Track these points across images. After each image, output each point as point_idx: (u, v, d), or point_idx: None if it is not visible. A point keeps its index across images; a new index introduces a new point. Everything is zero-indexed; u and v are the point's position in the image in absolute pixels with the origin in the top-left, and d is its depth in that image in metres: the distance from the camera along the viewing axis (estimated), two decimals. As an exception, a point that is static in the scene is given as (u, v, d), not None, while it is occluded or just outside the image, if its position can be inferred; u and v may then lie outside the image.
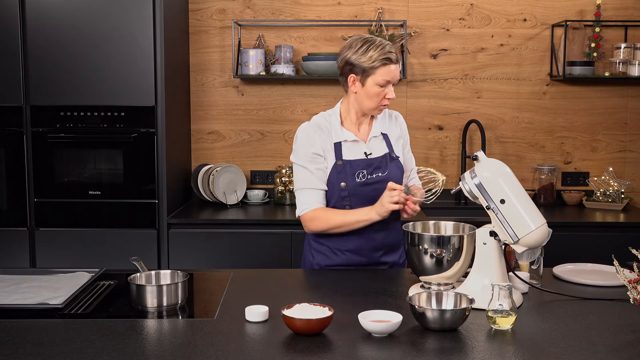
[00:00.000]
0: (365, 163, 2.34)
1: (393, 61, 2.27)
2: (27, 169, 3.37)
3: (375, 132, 2.39)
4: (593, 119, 3.94)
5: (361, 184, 2.32)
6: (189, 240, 3.37)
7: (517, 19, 3.88)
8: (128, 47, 3.30)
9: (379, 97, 2.29)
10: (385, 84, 2.27)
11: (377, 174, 2.34)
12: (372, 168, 2.34)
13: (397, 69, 2.29)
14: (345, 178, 2.31)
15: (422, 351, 1.59)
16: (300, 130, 2.38)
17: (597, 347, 1.62)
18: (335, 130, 2.35)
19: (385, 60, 2.25)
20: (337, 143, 2.34)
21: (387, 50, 2.26)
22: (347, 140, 2.35)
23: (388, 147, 2.40)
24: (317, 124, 2.37)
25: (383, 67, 2.26)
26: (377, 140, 2.39)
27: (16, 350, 1.59)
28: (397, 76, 2.30)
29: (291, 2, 3.86)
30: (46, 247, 3.38)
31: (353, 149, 2.35)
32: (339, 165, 2.32)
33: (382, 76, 2.26)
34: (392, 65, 2.27)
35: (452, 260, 1.96)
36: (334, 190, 2.33)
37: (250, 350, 1.60)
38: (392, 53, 2.26)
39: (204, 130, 3.96)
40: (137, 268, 2.02)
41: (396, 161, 2.40)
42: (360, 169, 2.33)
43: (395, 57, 2.28)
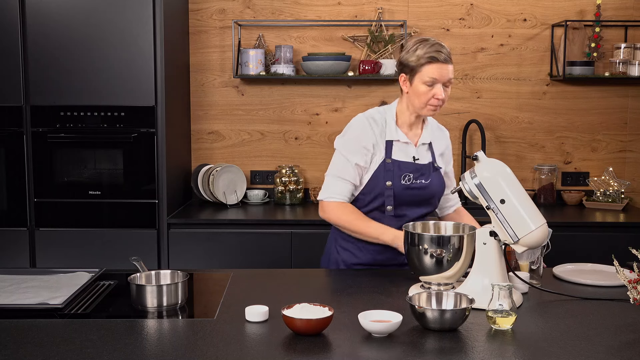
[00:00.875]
0: (413, 167, 2.34)
1: (440, 60, 2.23)
2: (27, 169, 3.37)
3: (425, 139, 2.39)
4: (593, 119, 3.94)
5: (405, 187, 2.32)
6: (189, 240, 3.37)
7: (517, 19, 3.88)
8: (128, 47, 3.30)
9: (426, 97, 2.26)
10: (431, 82, 2.24)
11: (421, 180, 2.34)
12: (419, 174, 2.34)
13: (445, 68, 2.25)
14: (391, 177, 2.31)
15: (422, 351, 1.59)
16: (356, 120, 2.37)
17: (597, 347, 1.62)
18: (390, 127, 2.35)
19: (430, 58, 2.23)
20: (389, 141, 2.33)
21: (435, 49, 2.24)
22: (399, 141, 2.34)
23: (432, 156, 2.41)
24: (372, 117, 2.37)
25: (428, 65, 2.24)
26: (424, 147, 2.40)
27: (16, 350, 1.59)
28: (445, 75, 2.25)
29: (291, 2, 3.87)
30: (46, 247, 3.38)
31: (403, 150, 2.35)
32: (388, 163, 2.32)
33: (428, 74, 2.24)
34: (439, 64, 2.23)
35: (452, 260, 1.96)
36: (377, 187, 2.32)
37: (250, 350, 1.60)
38: (440, 53, 2.24)
39: (204, 130, 3.96)
40: (137, 268, 2.02)
41: (438, 172, 2.40)
42: (407, 172, 2.32)
43: (444, 56, 2.24)
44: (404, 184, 2.32)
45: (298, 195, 3.82)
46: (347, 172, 2.33)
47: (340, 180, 2.33)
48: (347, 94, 3.92)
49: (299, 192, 3.82)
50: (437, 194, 2.41)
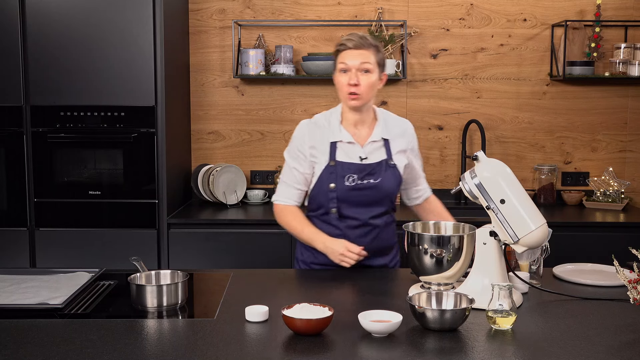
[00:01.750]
0: (357, 167, 2.30)
1: (349, 46, 2.25)
2: (27, 169, 3.37)
3: (375, 137, 2.34)
4: (593, 119, 3.94)
5: (350, 188, 2.29)
6: (189, 240, 3.37)
7: (517, 19, 3.88)
8: (128, 47, 3.30)
9: (342, 86, 2.27)
10: (344, 68, 2.26)
11: (369, 180, 2.30)
12: (365, 173, 2.30)
13: (355, 54, 2.24)
14: (335, 179, 2.29)
15: (422, 351, 1.59)
16: (297, 127, 2.40)
17: (597, 347, 1.62)
18: (333, 129, 2.33)
19: (340, 46, 2.27)
20: (332, 143, 2.32)
21: (346, 38, 2.27)
22: (342, 141, 2.32)
23: (387, 153, 2.35)
24: (315, 122, 2.38)
25: (339, 55, 2.28)
26: (375, 144, 2.34)
27: (16, 350, 1.59)
28: (355, 60, 2.24)
29: (291, 2, 3.87)
30: (46, 247, 3.38)
31: (348, 151, 2.32)
32: (331, 165, 2.30)
33: (339, 60, 2.27)
34: (348, 50, 2.25)
35: (452, 260, 1.96)
36: (322, 190, 2.31)
37: (250, 350, 1.60)
38: (350, 40, 2.25)
39: (204, 130, 3.96)
40: (137, 268, 2.02)
41: (393, 169, 2.34)
42: (350, 173, 2.29)
43: (354, 42, 2.25)
44: (348, 185, 2.29)
45: (298, 195, 3.81)
46: (290, 177, 2.39)
47: (285, 184, 2.40)
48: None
49: (299, 192, 3.82)
50: (390, 193, 2.36)
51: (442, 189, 3.97)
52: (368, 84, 2.26)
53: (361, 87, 2.25)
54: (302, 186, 2.38)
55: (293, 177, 2.38)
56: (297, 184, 2.37)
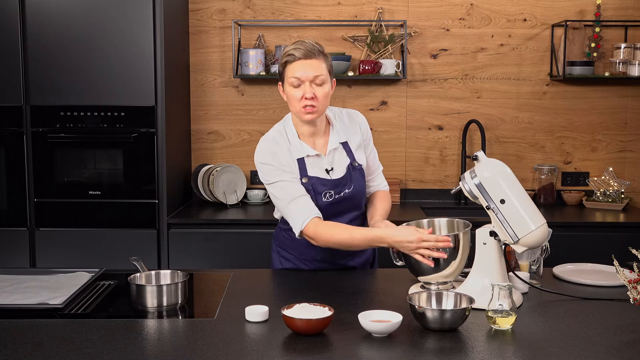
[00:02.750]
0: (331, 183, 2.22)
1: (298, 57, 2.11)
2: (27, 169, 3.37)
3: (333, 144, 2.25)
4: (593, 119, 3.94)
5: (328, 203, 2.23)
6: (189, 240, 3.37)
7: (517, 19, 3.88)
8: (128, 47, 3.30)
9: (297, 100, 2.14)
10: (297, 82, 2.12)
11: (344, 191, 2.25)
12: (340, 187, 2.24)
13: (306, 65, 2.10)
14: (313, 197, 2.20)
15: (422, 351, 1.59)
16: (259, 152, 2.22)
17: (597, 347, 1.62)
18: (295, 145, 2.22)
19: (288, 58, 2.13)
20: (299, 159, 2.21)
21: (293, 47, 2.12)
22: (309, 156, 2.22)
23: (349, 156, 2.28)
24: (274, 139, 2.23)
25: (289, 66, 2.13)
26: (337, 152, 2.26)
27: (16, 350, 1.59)
28: (309, 72, 2.11)
29: (291, 2, 3.87)
30: (46, 247, 3.38)
31: (315, 164, 2.23)
32: (305, 183, 2.20)
33: (290, 74, 2.13)
34: (297, 62, 2.11)
35: (449, 259, 1.96)
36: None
37: (250, 350, 1.60)
38: (298, 49, 2.11)
39: (204, 130, 3.95)
40: (137, 268, 2.02)
41: (358, 170, 2.29)
42: (327, 189, 2.22)
43: (304, 51, 2.10)
44: (325, 201, 2.22)
45: (298, 195, 3.81)
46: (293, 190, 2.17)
47: (296, 200, 2.16)
48: (347, 94, 3.92)
49: (299, 192, 3.82)
50: (362, 195, 2.33)
51: (442, 189, 3.97)
52: (323, 95, 2.14)
53: (318, 100, 2.13)
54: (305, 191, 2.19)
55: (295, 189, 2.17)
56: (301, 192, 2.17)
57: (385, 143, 3.91)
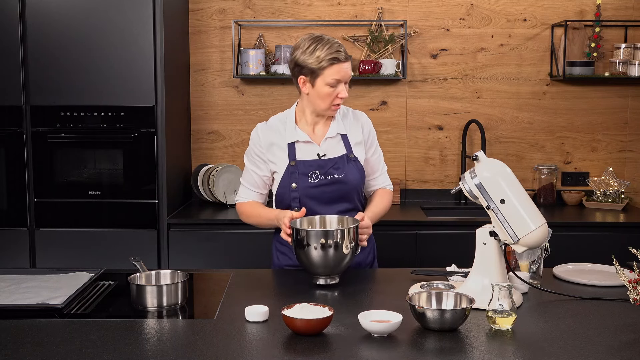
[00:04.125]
0: (317, 164, 2.30)
1: (341, 60, 2.21)
2: (27, 169, 3.37)
3: (331, 133, 2.33)
4: (593, 119, 3.94)
5: (313, 185, 2.28)
6: (189, 240, 3.37)
7: (517, 19, 3.88)
8: (128, 47, 3.30)
9: (330, 97, 2.24)
10: (335, 83, 2.22)
11: (334, 175, 2.30)
12: (327, 169, 2.30)
13: (347, 67, 2.23)
14: (296, 179, 2.28)
15: (422, 351, 1.59)
16: (253, 131, 2.39)
17: (597, 347, 1.62)
18: (289, 130, 2.33)
19: (333, 60, 2.20)
20: (290, 144, 2.31)
21: (334, 49, 2.20)
22: (299, 141, 2.31)
23: (346, 147, 2.34)
24: (270, 125, 2.38)
25: (331, 67, 2.20)
26: (333, 141, 2.34)
27: (16, 350, 1.59)
28: (348, 74, 2.24)
29: (291, 2, 3.87)
30: (46, 247, 3.38)
31: (306, 150, 2.31)
32: (292, 166, 2.29)
33: (331, 76, 2.21)
34: (341, 64, 2.21)
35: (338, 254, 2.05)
36: (286, 191, 2.30)
37: (250, 350, 1.60)
38: (340, 52, 2.21)
39: (204, 130, 3.95)
40: (137, 268, 2.02)
41: (355, 162, 2.34)
42: (312, 170, 2.29)
43: (344, 55, 2.22)
44: (311, 183, 2.28)
45: (298, 195, 3.82)
46: (249, 180, 2.40)
47: (244, 187, 2.42)
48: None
49: (299, 192, 3.82)
50: (356, 187, 2.35)
51: (442, 189, 3.97)
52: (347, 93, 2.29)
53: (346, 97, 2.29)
54: (261, 189, 2.40)
55: (252, 181, 2.39)
56: (256, 187, 2.40)
57: (385, 143, 3.91)
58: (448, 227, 3.38)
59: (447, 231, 3.35)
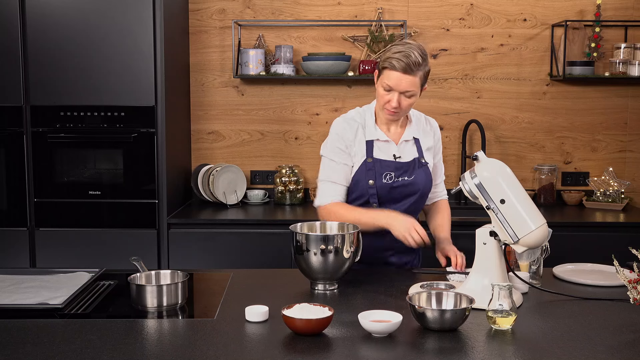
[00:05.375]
0: (394, 165, 2.33)
1: (397, 69, 2.16)
2: (27, 169, 3.37)
3: (407, 136, 2.37)
4: (593, 119, 3.94)
5: (388, 185, 2.31)
6: (189, 240, 3.37)
7: (517, 19, 3.88)
8: (128, 47, 3.30)
9: (382, 100, 2.25)
10: (387, 88, 2.21)
11: (404, 177, 2.33)
12: (401, 172, 2.33)
13: (403, 79, 2.16)
14: (373, 176, 2.31)
15: (422, 351, 1.59)
16: (334, 124, 2.37)
17: (597, 347, 1.62)
18: (369, 127, 2.34)
19: (389, 64, 2.18)
20: (369, 141, 2.33)
21: (398, 55, 2.16)
22: (379, 140, 2.33)
23: (418, 152, 2.38)
24: (352, 118, 2.35)
25: (387, 71, 2.20)
26: (408, 144, 2.38)
27: (16, 350, 1.59)
28: (401, 86, 2.18)
29: (291, 2, 3.86)
30: (46, 247, 3.38)
31: (384, 148, 2.34)
32: (369, 162, 2.31)
33: (385, 79, 2.21)
34: (396, 72, 2.17)
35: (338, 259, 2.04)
36: (362, 187, 2.32)
37: (250, 350, 1.60)
38: (400, 61, 2.15)
39: (204, 130, 3.95)
40: (137, 268, 2.02)
41: (425, 167, 2.38)
42: (388, 171, 2.32)
43: (405, 66, 2.15)
44: (385, 183, 2.31)
45: (298, 195, 3.82)
46: (335, 174, 2.33)
47: (330, 183, 2.34)
48: (347, 94, 3.92)
49: (299, 192, 3.82)
50: (423, 190, 2.38)
51: (442, 189, 3.97)
52: (408, 105, 2.25)
53: (401, 109, 2.25)
54: (346, 182, 2.34)
55: (338, 173, 2.32)
56: (343, 179, 2.33)
57: (385, 143, 3.91)
58: (448, 227, 3.37)
59: (447, 231, 3.35)
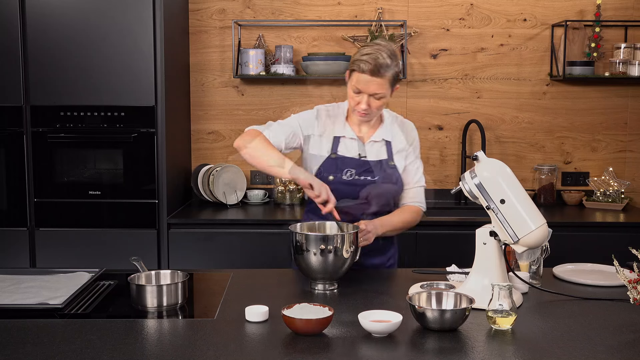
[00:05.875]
0: (356, 163, 2.31)
1: (364, 71, 2.15)
2: (27, 169, 3.37)
3: (376, 137, 2.35)
4: (593, 119, 3.94)
5: (347, 182, 2.29)
6: (189, 240, 3.37)
7: (517, 19, 3.88)
8: (128, 47, 3.30)
9: (353, 101, 2.25)
10: (356, 90, 2.21)
11: (367, 177, 2.30)
12: (363, 170, 2.31)
13: (370, 81, 2.16)
14: (334, 172, 2.30)
15: (422, 351, 1.59)
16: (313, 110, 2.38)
17: (597, 347, 1.62)
18: (339, 123, 2.35)
19: (355, 66, 2.18)
20: (336, 137, 2.33)
21: (366, 57, 2.15)
22: (345, 137, 2.33)
23: (388, 154, 2.35)
24: (327, 110, 2.37)
25: (355, 73, 2.20)
26: (377, 145, 2.35)
27: (16, 350, 1.59)
28: (369, 88, 2.17)
29: (291, 2, 3.86)
30: (46, 247, 3.38)
31: (350, 146, 2.33)
32: (332, 158, 2.31)
33: (354, 81, 2.21)
34: (362, 75, 2.16)
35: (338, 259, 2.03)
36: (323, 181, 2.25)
37: (250, 350, 1.60)
38: (367, 63, 2.14)
39: (204, 130, 3.95)
40: (137, 268, 2.02)
41: (393, 170, 2.34)
42: (349, 167, 2.30)
43: (371, 68, 2.14)
44: (345, 179, 2.29)
45: (298, 195, 3.82)
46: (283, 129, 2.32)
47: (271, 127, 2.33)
48: (347, 94, 3.91)
49: (299, 192, 3.82)
50: (388, 192, 2.33)
51: (442, 189, 3.97)
52: (378, 106, 2.24)
53: (372, 110, 2.24)
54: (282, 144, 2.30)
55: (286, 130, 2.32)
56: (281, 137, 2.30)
57: (385, 143, 3.91)
58: (448, 227, 3.38)
59: (447, 231, 3.35)
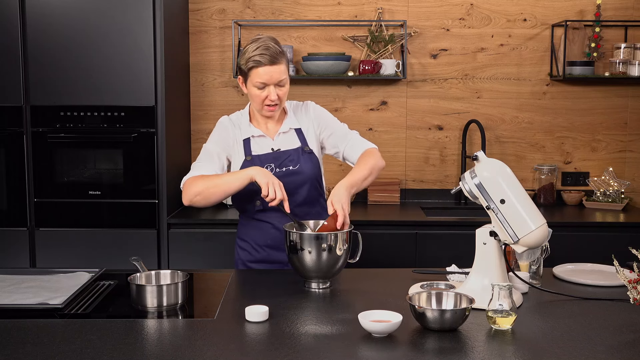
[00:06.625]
0: (272, 156, 2.34)
1: (265, 63, 2.21)
2: (27, 169, 3.37)
3: (284, 129, 2.39)
4: (593, 119, 3.94)
5: None
6: (189, 240, 3.37)
7: (517, 19, 3.88)
8: (128, 47, 3.30)
9: (259, 99, 2.29)
10: (261, 86, 2.25)
11: (288, 167, 2.33)
12: (281, 161, 2.34)
13: (272, 70, 2.22)
14: None
15: (422, 351, 1.59)
16: (219, 122, 2.41)
17: (597, 347, 1.62)
18: (244, 126, 2.38)
19: (255, 63, 2.22)
20: (245, 139, 2.36)
21: (259, 52, 2.21)
22: (254, 136, 2.36)
23: (301, 141, 2.39)
24: (231, 119, 2.41)
25: (253, 70, 2.24)
26: (287, 135, 2.39)
27: (16, 350, 1.59)
28: (273, 78, 2.24)
29: (291, 2, 3.87)
30: (46, 247, 3.38)
31: (262, 144, 2.36)
32: (248, 160, 2.33)
33: (256, 78, 2.24)
34: (264, 68, 2.22)
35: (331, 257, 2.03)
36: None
37: (250, 350, 1.60)
38: (264, 55, 2.21)
39: (204, 130, 3.95)
40: (137, 268, 2.02)
41: (310, 155, 2.38)
42: (268, 163, 2.32)
43: (269, 57, 2.21)
44: None
45: (298, 195, 3.81)
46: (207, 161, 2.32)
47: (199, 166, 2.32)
48: (347, 94, 3.92)
49: (299, 192, 3.82)
50: (311, 178, 2.36)
51: (442, 189, 3.97)
52: (284, 93, 2.30)
53: (280, 100, 2.30)
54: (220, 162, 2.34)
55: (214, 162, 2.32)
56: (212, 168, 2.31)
57: (385, 143, 3.91)
58: (448, 227, 3.38)
59: (447, 231, 3.35)
